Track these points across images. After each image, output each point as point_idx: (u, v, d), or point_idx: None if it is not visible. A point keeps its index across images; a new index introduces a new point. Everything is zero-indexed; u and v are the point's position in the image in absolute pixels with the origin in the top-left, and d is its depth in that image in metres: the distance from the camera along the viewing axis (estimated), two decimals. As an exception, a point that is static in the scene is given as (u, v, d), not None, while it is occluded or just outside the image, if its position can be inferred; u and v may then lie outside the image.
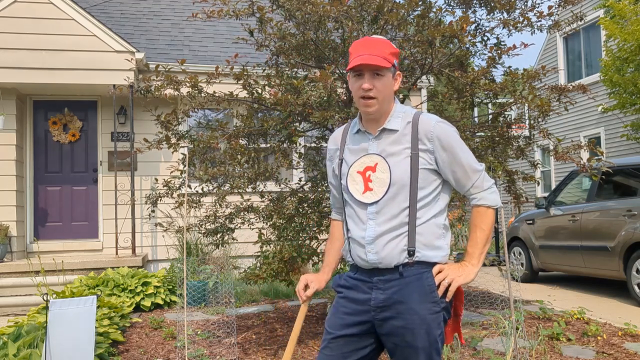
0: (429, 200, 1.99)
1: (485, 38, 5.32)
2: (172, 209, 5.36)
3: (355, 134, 2.11)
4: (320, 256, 5.35)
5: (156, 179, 5.19)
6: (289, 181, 5.77)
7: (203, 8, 4.82)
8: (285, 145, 4.95)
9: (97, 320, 3.90)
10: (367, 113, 2.02)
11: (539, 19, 4.83)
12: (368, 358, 2.04)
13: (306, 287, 2.18)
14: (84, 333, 3.39)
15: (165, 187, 4.87)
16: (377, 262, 1.98)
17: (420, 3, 4.79)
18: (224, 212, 5.20)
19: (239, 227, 5.26)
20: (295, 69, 5.16)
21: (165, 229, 5.54)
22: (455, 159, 1.99)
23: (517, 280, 7.28)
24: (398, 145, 2.00)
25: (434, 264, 1.98)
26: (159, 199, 4.97)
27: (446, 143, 1.98)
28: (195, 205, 4.97)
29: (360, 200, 2.02)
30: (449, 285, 1.95)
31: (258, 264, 5.43)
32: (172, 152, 4.90)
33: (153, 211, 5.20)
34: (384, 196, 1.97)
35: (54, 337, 3.28)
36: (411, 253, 1.95)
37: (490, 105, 5.93)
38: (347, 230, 2.09)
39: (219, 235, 5.14)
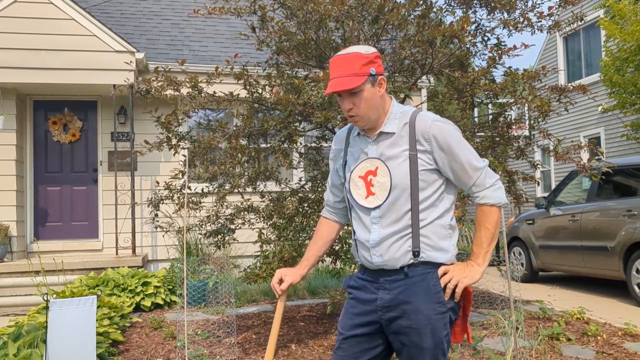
0: (432, 201, 1.98)
1: (486, 38, 5.32)
2: (173, 212, 5.36)
3: (356, 136, 2.12)
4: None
5: (157, 182, 5.19)
6: (289, 181, 5.76)
7: (205, 5, 4.82)
8: (285, 145, 4.95)
9: (97, 320, 3.90)
10: (359, 127, 2.05)
11: (539, 19, 4.83)
12: (379, 358, 2.04)
13: (281, 281, 2.16)
14: (85, 333, 3.39)
15: (167, 190, 4.87)
16: (382, 264, 1.98)
17: (421, 3, 4.79)
18: (224, 212, 5.19)
19: (240, 227, 5.26)
20: (296, 69, 5.16)
21: (166, 230, 5.53)
22: (454, 157, 1.96)
23: (517, 280, 7.28)
24: (396, 148, 1.99)
25: (440, 264, 1.97)
26: (161, 201, 4.97)
27: (443, 142, 1.95)
28: (195, 207, 4.97)
29: (362, 205, 2.02)
30: (455, 286, 1.94)
31: (258, 264, 5.43)
32: (174, 154, 4.90)
33: (156, 215, 5.20)
34: (385, 200, 1.97)
35: (55, 337, 3.28)
36: (416, 254, 1.95)
37: (490, 106, 5.93)
38: (354, 232, 2.09)
39: (220, 237, 5.14)
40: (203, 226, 5.20)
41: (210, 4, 4.83)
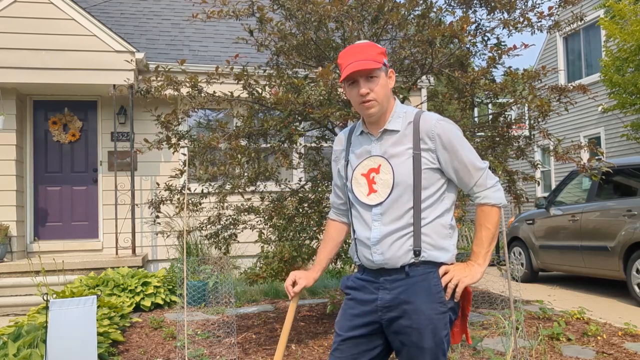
0: (434, 200, 1.99)
1: (486, 38, 5.32)
2: (173, 215, 5.36)
3: (358, 135, 2.12)
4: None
5: (157, 183, 5.18)
6: (289, 181, 5.76)
7: (203, 8, 4.82)
8: (285, 145, 4.95)
9: (97, 320, 3.90)
10: (370, 115, 2.02)
11: (539, 19, 4.83)
12: (378, 359, 2.04)
13: (294, 283, 2.17)
14: (85, 333, 3.39)
15: (167, 191, 4.87)
16: (383, 263, 1.98)
17: (420, 3, 4.79)
18: (225, 213, 5.20)
19: (242, 231, 5.28)
20: (296, 69, 5.16)
21: (167, 235, 5.51)
22: (457, 157, 1.98)
23: (517, 280, 7.28)
24: (400, 146, 2.00)
25: (441, 264, 1.98)
26: (162, 203, 4.98)
27: (447, 141, 1.98)
28: (195, 209, 4.97)
29: (364, 202, 2.02)
30: (456, 286, 1.95)
31: (258, 264, 5.44)
32: (173, 153, 4.90)
33: (157, 216, 5.20)
34: (387, 198, 1.97)
35: (54, 337, 3.28)
36: (417, 253, 1.95)
37: (490, 106, 5.93)
38: (354, 231, 2.09)
39: (220, 237, 5.15)
40: (204, 228, 5.21)
41: (210, 6, 4.82)
